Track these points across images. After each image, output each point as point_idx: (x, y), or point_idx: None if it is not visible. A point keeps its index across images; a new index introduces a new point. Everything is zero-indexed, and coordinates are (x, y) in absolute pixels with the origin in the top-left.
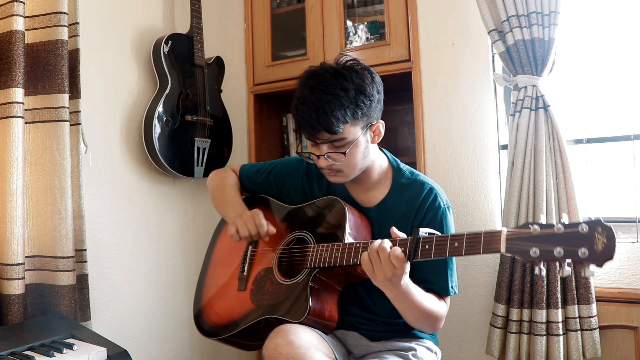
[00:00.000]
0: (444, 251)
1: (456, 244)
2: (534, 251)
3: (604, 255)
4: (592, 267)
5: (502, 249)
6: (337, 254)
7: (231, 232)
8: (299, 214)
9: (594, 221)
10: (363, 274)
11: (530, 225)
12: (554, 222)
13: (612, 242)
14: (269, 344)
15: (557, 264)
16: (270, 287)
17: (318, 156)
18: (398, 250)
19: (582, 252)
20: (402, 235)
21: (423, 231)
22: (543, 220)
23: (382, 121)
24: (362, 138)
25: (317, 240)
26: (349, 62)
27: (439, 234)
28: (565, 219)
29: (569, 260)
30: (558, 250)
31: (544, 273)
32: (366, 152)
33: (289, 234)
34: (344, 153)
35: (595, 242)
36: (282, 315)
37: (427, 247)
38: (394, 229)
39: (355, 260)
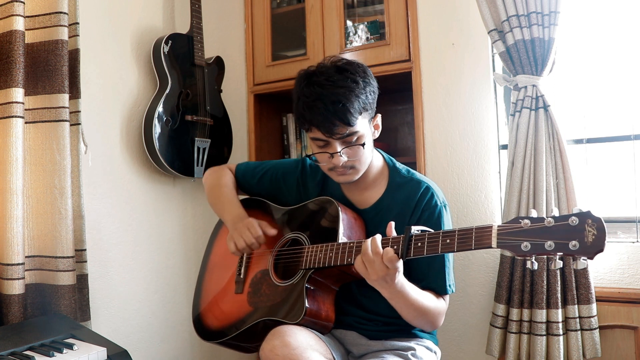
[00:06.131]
0: (436, 248)
1: (448, 241)
2: (525, 245)
3: (595, 247)
4: (583, 259)
5: (494, 244)
6: (331, 254)
7: (231, 248)
8: (294, 216)
9: (584, 213)
10: (358, 274)
11: (521, 220)
12: (545, 216)
13: (602, 233)
14: (266, 345)
15: (549, 257)
16: (267, 289)
17: (332, 155)
18: (391, 251)
19: (573, 244)
20: (396, 234)
21: (415, 229)
22: (534, 214)
23: (379, 114)
24: (369, 131)
25: (311, 241)
26: (344, 60)
27: (432, 231)
28: (556, 212)
29: (560, 253)
30: (549, 244)
31: (535, 266)
32: (372, 146)
33: (284, 235)
34: (363, 145)
35: (585, 234)
36: (279, 317)
37: (419, 244)
38: (392, 226)
39: (350, 259)
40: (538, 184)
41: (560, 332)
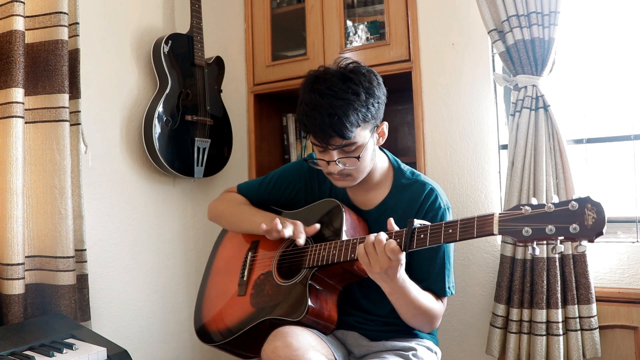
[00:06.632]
0: (438, 238)
1: (450, 230)
2: (526, 230)
3: (595, 229)
4: (585, 242)
5: (495, 230)
6: (334, 251)
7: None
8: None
9: (583, 198)
10: (361, 272)
11: (521, 207)
12: (545, 203)
13: (601, 216)
14: (267, 347)
15: (550, 241)
16: (269, 290)
17: (328, 162)
18: (393, 242)
19: (573, 227)
20: (398, 229)
21: (418, 222)
22: (534, 202)
23: (385, 122)
24: (371, 141)
25: (315, 242)
26: (353, 65)
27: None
28: (555, 199)
29: (561, 238)
30: (550, 228)
31: (537, 252)
32: (374, 154)
33: (288, 238)
34: (358, 157)
35: (585, 217)
36: (282, 315)
37: (422, 236)
38: (392, 221)
39: (353, 255)
40: (538, 184)
41: (560, 332)
